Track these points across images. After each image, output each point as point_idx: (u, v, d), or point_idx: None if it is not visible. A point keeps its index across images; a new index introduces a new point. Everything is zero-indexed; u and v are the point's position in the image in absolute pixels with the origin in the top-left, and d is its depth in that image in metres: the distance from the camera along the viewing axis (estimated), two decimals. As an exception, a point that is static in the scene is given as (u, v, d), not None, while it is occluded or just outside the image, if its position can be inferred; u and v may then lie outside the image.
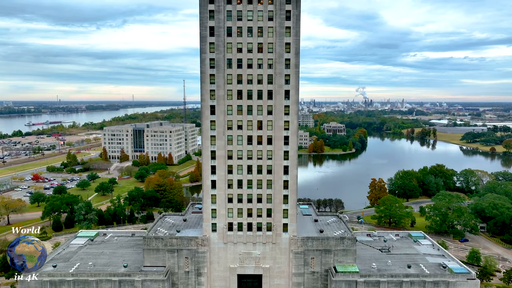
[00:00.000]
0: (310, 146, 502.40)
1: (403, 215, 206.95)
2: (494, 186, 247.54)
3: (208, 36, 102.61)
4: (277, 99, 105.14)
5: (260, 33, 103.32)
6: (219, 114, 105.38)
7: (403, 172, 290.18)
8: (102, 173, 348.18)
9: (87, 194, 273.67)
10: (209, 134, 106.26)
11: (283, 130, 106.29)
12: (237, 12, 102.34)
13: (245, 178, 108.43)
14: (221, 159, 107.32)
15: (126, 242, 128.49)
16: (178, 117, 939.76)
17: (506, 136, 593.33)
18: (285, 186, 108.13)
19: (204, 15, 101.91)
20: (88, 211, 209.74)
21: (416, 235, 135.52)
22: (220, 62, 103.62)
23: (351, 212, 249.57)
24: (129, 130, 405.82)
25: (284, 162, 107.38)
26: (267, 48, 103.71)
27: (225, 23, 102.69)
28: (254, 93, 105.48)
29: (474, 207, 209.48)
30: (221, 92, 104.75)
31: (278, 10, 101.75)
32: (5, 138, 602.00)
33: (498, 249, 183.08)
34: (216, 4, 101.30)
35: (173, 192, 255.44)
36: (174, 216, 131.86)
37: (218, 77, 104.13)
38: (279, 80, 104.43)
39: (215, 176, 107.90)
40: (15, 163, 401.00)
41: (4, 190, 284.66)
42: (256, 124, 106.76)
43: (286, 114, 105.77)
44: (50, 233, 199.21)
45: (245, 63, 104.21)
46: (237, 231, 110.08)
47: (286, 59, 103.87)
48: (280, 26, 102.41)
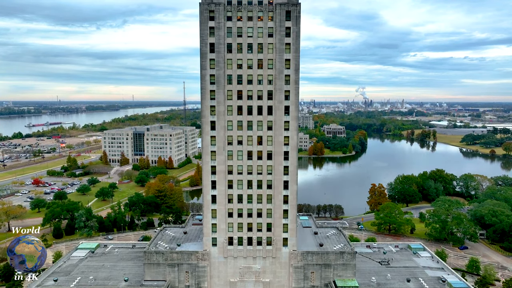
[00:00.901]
0: (310, 149, 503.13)
1: (403, 222, 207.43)
2: (493, 192, 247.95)
3: (209, 52, 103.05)
4: (277, 115, 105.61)
5: (260, 49, 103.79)
6: (219, 130, 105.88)
7: (402, 177, 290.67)
8: (103, 177, 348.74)
9: (87, 199, 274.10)
10: (209, 150, 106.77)
11: (283, 145, 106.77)
12: (237, 29, 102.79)
13: (245, 192, 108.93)
14: (221, 174, 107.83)
15: (126, 254, 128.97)
16: (178, 118, 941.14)
17: (506, 139, 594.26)
18: (285, 201, 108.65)
19: (204, 32, 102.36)
20: (89, 217, 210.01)
21: (416, 247, 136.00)
22: (220, 78, 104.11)
23: (351, 217, 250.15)
24: (129, 134, 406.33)
25: (284, 177, 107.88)
26: (267, 64, 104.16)
27: (225, 40, 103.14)
28: (254, 108, 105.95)
29: (473, 214, 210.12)
30: (221, 108, 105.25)
31: (278, 27, 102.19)
32: (5, 140, 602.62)
33: (497, 257, 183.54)
34: (216, 21, 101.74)
35: (173, 197, 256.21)
36: (175, 228, 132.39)
37: (219, 93, 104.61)
38: (279, 96, 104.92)
39: (216, 191, 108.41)
40: (16, 166, 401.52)
41: (5, 195, 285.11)
42: (256, 140, 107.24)
43: (286, 130, 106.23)
44: (50, 240, 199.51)
45: (245, 79, 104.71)
46: (237, 246, 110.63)
47: (286, 75, 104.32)
48: (280, 43, 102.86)
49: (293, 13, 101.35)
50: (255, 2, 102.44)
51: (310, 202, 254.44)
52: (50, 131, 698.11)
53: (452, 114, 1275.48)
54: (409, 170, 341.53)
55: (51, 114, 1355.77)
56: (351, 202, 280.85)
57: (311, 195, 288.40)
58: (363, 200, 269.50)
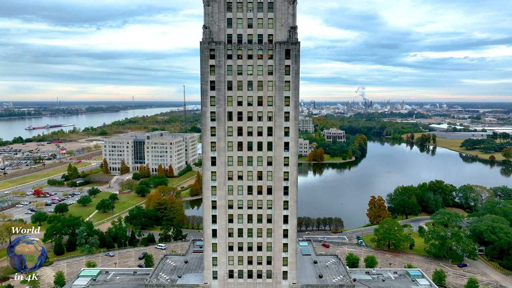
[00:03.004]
0: (310, 155, 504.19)
1: (402, 239, 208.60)
2: (492, 206, 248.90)
3: (209, 90, 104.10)
4: (277, 151, 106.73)
5: (260, 87, 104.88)
6: (219, 165, 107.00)
7: (402, 188, 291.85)
8: (103, 186, 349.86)
9: (88, 211, 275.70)
10: (210, 185, 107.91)
11: (283, 180, 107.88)
12: (237, 67, 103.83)
13: (245, 226, 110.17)
14: (222, 209, 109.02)
15: (128, 282, 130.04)
16: (179, 121, 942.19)
17: (505, 144, 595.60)
18: (284, 235, 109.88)
19: (205, 70, 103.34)
20: (90, 232, 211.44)
21: (414, 274, 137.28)
22: (221, 115, 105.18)
23: (350, 230, 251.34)
24: (130, 142, 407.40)
25: (284, 211, 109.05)
26: (267, 101, 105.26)
27: (226, 77, 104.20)
28: (254, 144, 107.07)
29: (473, 229, 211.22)
30: (221, 144, 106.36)
31: (277, 65, 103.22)
32: (5, 145, 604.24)
33: (496, 276, 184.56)
34: (217, 59, 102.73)
35: (173, 210, 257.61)
36: (176, 256, 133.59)
37: (219, 129, 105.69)
38: (278, 132, 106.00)
39: (216, 225, 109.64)
40: (16, 174, 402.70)
41: (6, 206, 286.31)
42: (257, 175, 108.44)
43: (285, 165, 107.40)
44: (52, 257, 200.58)
45: (245, 115, 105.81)
46: (237, 279, 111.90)
47: (285, 112, 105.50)
48: (279, 81, 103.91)
49: (293, 51, 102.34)
50: (255, 41, 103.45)
51: (311, 213, 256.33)
52: (50, 135, 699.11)
53: (452, 116, 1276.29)
54: (409, 176, 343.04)
55: (51, 115, 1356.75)
56: (351, 211, 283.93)
57: (311, 204, 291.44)
58: (363, 207, 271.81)
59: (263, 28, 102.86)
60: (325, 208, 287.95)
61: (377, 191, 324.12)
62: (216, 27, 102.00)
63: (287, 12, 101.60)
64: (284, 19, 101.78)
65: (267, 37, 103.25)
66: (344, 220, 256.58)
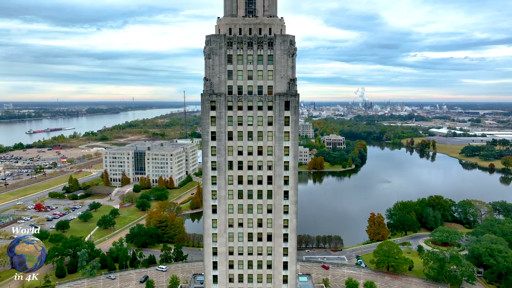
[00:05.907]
0: (310, 163, 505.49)
1: (401, 262, 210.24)
2: (491, 224, 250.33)
3: (210, 140, 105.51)
4: (277, 199, 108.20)
5: (260, 137, 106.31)
6: (220, 213, 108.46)
7: (401, 204, 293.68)
8: (104, 199, 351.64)
9: (89, 227, 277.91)
10: (211, 232, 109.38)
11: (283, 227, 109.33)
12: (237, 118, 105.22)
13: (245, 272, 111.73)
14: (222, 255, 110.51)
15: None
16: (179, 124, 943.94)
17: (505, 151, 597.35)
18: (284, 281, 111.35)
19: (206, 121, 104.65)
20: (91, 253, 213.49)
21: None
22: (222, 165, 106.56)
23: (350, 248, 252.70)
24: (130, 153, 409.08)
25: (284, 258, 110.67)
26: (266, 151, 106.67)
27: (226, 128, 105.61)
28: (254, 193, 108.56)
29: (471, 251, 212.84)
30: (222, 192, 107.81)
31: (277, 116, 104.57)
32: (6, 152, 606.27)
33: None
34: (217, 111, 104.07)
35: (174, 228, 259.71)
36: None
37: (220, 179, 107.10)
38: (278, 181, 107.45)
39: (217, 271, 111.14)
40: (17, 185, 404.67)
41: (7, 222, 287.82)
42: (257, 222, 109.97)
43: (285, 213, 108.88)
44: (53, 281, 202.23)
45: (245, 165, 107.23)
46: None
47: (285, 161, 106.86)
48: (279, 131, 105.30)
49: (292, 103, 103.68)
50: (255, 92, 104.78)
51: (309, 231, 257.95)
52: (50, 141, 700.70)
53: (452, 119, 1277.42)
54: (409, 186, 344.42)
55: (51, 117, 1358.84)
56: (351, 226, 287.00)
57: (312, 216, 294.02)
58: (362, 222, 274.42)
59: (263, 80, 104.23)
60: (325, 222, 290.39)
61: (377, 204, 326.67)
62: (216, 79, 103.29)
63: (287, 64, 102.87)
64: (283, 71, 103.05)
65: (267, 89, 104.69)
66: (343, 237, 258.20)
